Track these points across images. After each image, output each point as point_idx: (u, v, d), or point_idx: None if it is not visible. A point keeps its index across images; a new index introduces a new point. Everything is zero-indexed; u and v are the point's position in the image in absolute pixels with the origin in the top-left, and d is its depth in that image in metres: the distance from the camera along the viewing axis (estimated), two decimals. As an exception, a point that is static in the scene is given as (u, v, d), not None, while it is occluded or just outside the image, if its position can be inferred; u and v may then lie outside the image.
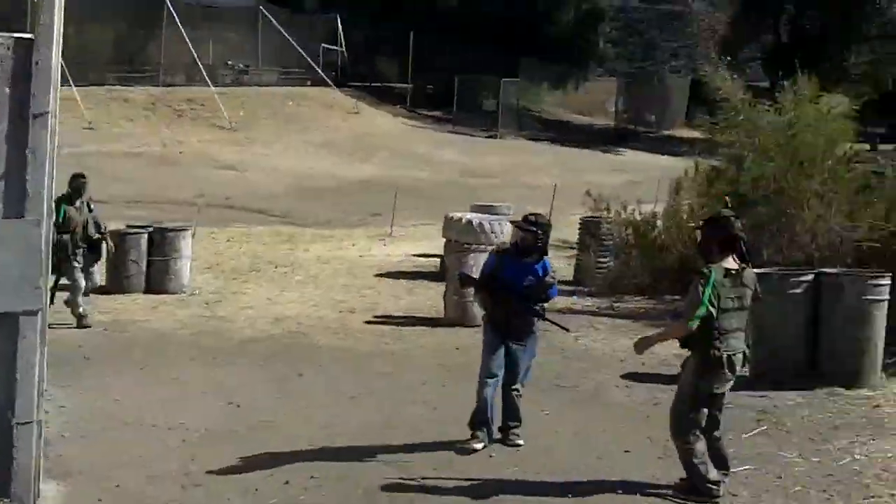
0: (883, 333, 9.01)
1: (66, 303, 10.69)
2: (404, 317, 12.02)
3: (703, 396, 6.01)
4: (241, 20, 36.56)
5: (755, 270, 9.66)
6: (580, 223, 15.58)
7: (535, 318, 7.12)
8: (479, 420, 7.00)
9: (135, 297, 12.51)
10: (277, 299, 12.85)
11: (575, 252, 15.61)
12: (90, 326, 10.63)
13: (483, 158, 31.36)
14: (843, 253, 11.70)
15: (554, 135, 38.43)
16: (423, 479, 6.25)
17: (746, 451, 6.97)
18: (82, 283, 10.72)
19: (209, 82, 32.27)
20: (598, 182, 25.88)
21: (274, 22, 35.36)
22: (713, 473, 6.04)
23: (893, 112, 32.62)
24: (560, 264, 16.06)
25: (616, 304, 13.30)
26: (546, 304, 7.24)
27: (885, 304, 9.04)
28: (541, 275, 7.06)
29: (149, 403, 7.74)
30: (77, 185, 10.98)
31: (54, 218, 9.33)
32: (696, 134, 22.73)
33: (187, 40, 32.46)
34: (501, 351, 7.11)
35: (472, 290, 7.47)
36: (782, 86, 13.40)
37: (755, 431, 7.51)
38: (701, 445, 6.03)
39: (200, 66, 32.69)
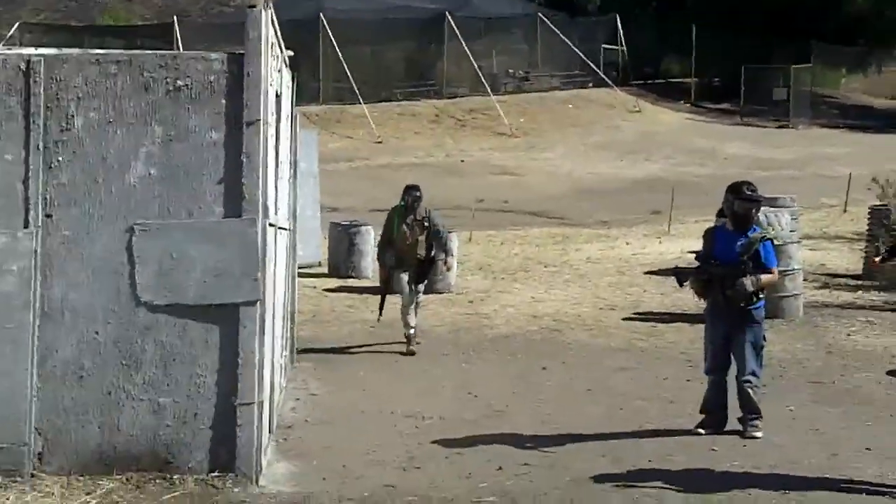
0: None
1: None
2: (666, 313, 11.74)
3: None
4: (521, 28, 37.25)
5: None
6: (869, 212, 14.54)
7: (755, 300, 6.74)
8: (704, 409, 6.99)
9: (405, 297, 13.02)
10: (541, 297, 12.95)
11: (865, 244, 14.58)
12: (412, 348, 9.84)
13: (773, 150, 29.92)
14: None
15: (854, 121, 35.98)
16: (635, 468, 6.11)
17: None
18: (408, 299, 9.98)
19: (490, 91, 33.09)
20: (903, 169, 24.06)
21: (552, 27, 35.70)
22: None
23: None
24: (853, 257, 15.15)
25: (904, 299, 12.30)
26: (763, 278, 6.76)
27: None
28: (761, 252, 6.74)
29: (393, 394, 8.07)
30: (409, 198, 9.97)
31: (387, 233, 9.94)
32: None
33: (468, 52, 33.49)
34: (722, 342, 6.88)
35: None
36: None
37: None
38: None
39: (482, 76, 33.60)
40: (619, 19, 37.85)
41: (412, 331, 9.91)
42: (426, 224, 9.96)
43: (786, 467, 6.14)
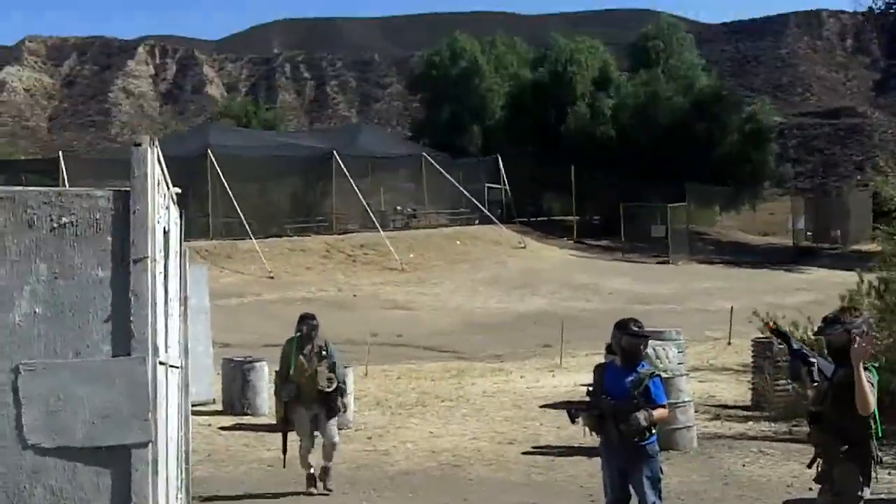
0: None
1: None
2: (564, 447, 11.74)
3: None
4: (407, 167, 38.21)
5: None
6: (752, 344, 15.00)
7: (648, 435, 6.80)
8: None
9: (300, 435, 12.74)
10: (439, 432, 12.84)
11: (752, 375, 14.99)
12: (314, 487, 9.54)
13: (654, 285, 30.86)
14: None
15: (729, 257, 37.55)
16: None
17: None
18: (308, 441, 9.62)
19: (379, 228, 33.48)
20: (780, 303, 25.03)
21: (437, 167, 36.67)
22: None
23: None
24: (741, 388, 15.54)
25: (794, 428, 12.59)
26: (655, 413, 6.83)
27: None
28: (651, 389, 6.85)
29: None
30: (305, 328, 9.67)
31: (284, 367, 9.50)
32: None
33: (356, 190, 33.98)
34: (619, 476, 6.94)
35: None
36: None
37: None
38: None
39: (371, 213, 34.04)
40: (500, 159, 39.19)
41: (312, 470, 9.53)
42: (324, 353, 9.59)
43: None
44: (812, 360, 5.98)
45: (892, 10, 48.05)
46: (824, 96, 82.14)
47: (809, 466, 6.03)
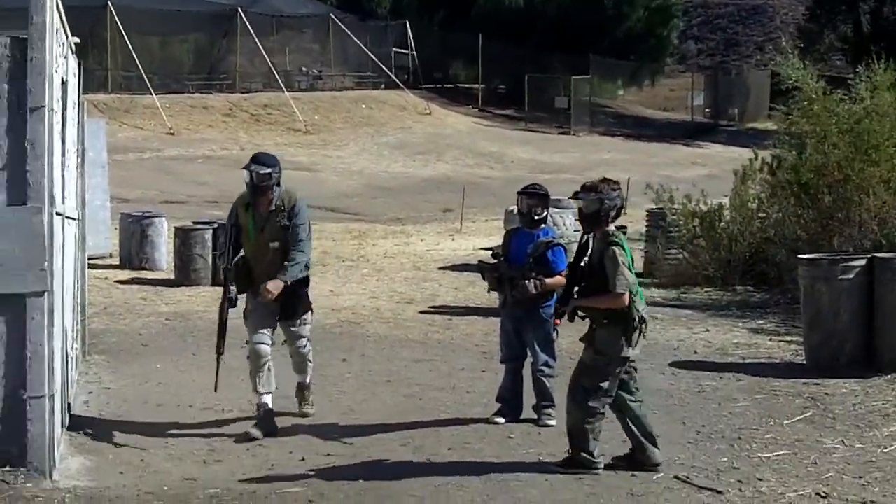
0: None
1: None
2: (461, 307, 12.07)
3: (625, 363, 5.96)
4: (313, 27, 37.29)
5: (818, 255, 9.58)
6: (647, 215, 15.42)
7: (538, 295, 6.96)
8: (500, 397, 7.25)
9: (201, 289, 12.79)
10: (339, 291, 13.01)
11: (644, 244, 15.45)
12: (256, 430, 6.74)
13: (555, 155, 31.24)
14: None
15: (630, 131, 38.08)
16: (435, 456, 6.30)
17: (784, 438, 6.80)
18: (264, 349, 6.91)
19: (284, 88, 32.87)
20: (676, 176, 25.67)
21: (344, 28, 35.91)
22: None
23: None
24: (634, 256, 15.91)
25: (683, 295, 13.12)
26: (548, 281, 6.93)
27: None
28: (549, 256, 7.03)
29: (191, 387, 7.93)
30: (253, 176, 6.83)
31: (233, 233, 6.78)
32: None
33: (261, 49, 33.15)
34: (514, 334, 7.22)
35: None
36: (859, 75, 13.09)
37: (798, 418, 7.32)
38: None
39: (275, 72, 33.34)
40: (408, 25, 38.61)
41: (264, 399, 6.74)
42: (287, 221, 6.76)
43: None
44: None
45: None
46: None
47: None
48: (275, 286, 6.64)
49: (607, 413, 6.06)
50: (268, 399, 6.74)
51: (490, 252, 13.55)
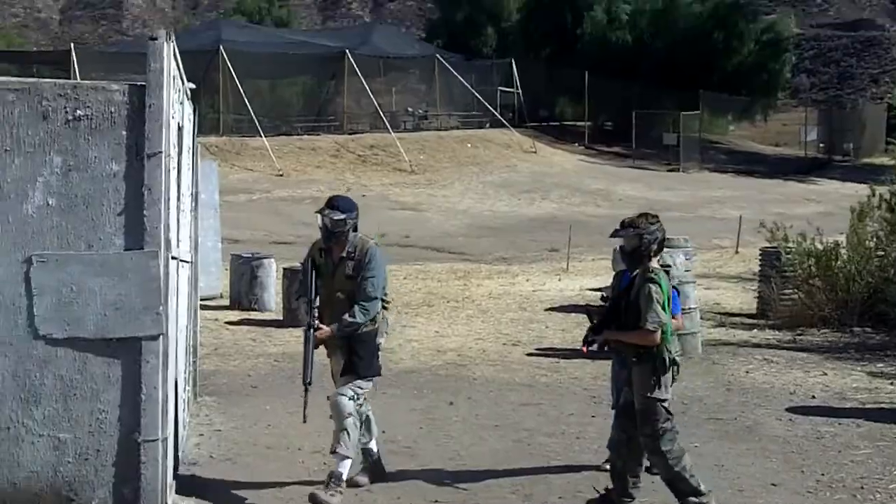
0: None
1: None
2: (568, 349, 11.85)
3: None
4: (419, 67, 37.77)
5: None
6: (760, 254, 15.03)
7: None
8: (609, 444, 6.82)
9: (309, 331, 12.86)
10: (445, 332, 12.96)
11: (758, 284, 15.05)
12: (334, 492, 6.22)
13: (664, 192, 30.77)
14: None
15: (741, 167, 37.32)
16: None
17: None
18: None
19: (390, 128, 33.29)
20: (789, 213, 24.97)
21: (450, 68, 36.25)
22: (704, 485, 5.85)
23: None
24: (746, 297, 15.59)
25: (798, 337, 12.69)
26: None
27: None
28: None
29: (299, 430, 7.90)
30: (326, 220, 6.41)
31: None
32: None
33: (368, 90, 33.69)
34: (626, 379, 6.92)
35: None
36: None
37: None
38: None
39: (381, 113, 33.81)
40: (514, 63, 38.74)
41: (369, 445, 6.58)
42: (352, 271, 6.32)
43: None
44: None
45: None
46: (843, 8, 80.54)
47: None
48: (326, 332, 6.43)
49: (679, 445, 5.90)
50: (372, 445, 6.67)
51: (599, 293, 13.41)
